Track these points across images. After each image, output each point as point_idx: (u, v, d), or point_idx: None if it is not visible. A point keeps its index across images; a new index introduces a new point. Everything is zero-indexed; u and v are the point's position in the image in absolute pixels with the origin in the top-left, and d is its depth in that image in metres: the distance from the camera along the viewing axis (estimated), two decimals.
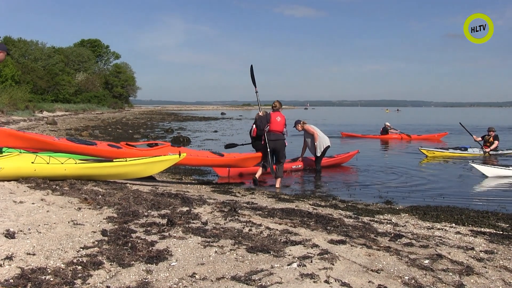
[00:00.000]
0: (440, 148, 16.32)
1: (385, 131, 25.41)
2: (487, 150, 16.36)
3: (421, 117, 77.64)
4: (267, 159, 9.83)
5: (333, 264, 3.48)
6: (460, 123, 18.68)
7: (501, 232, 5.56)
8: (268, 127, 9.76)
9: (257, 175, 9.90)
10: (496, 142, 16.68)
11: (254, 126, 10.26)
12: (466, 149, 16.25)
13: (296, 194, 8.63)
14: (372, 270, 3.44)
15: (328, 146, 11.95)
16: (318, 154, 11.77)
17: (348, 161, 13.66)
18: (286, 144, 10.13)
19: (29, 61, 59.41)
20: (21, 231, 3.94)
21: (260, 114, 9.96)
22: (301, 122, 12.16)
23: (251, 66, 10.72)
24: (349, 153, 13.82)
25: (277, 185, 9.71)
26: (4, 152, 7.03)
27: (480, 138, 17.08)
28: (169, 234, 4.16)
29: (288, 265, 3.42)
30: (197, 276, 3.17)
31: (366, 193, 9.29)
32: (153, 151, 8.79)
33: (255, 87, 10.54)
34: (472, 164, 11.56)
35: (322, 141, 11.81)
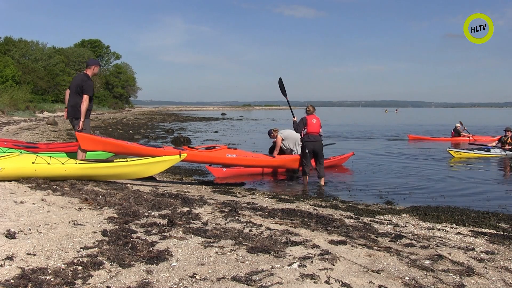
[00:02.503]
0: (466, 149, 16.87)
1: (456, 132, 24.49)
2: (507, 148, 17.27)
3: (420, 117, 77.59)
4: (306, 161, 10.34)
5: (333, 265, 3.49)
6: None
7: (502, 233, 5.55)
8: (306, 130, 10.25)
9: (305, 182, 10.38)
10: None
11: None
12: (489, 150, 16.88)
13: (297, 194, 8.63)
14: (372, 271, 3.44)
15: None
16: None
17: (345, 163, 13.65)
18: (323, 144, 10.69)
19: (29, 62, 59.38)
20: (21, 231, 3.95)
21: (294, 119, 10.63)
22: (273, 130, 12.09)
23: (280, 78, 11.58)
24: (344, 155, 13.80)
25: (322, 183, 10.27)
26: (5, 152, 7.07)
27: (496, 140, 18.21)
28: (169, 234, 4.16)
29: (288, 265, 3.42)
30: (197, 277, 3.17)
31: (367, 193, 9.28)
32: (211, 152, 9.88)
33: (286, 96, 11.56)
34: None
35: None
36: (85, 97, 7.98)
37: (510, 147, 17.20)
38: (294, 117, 10.80)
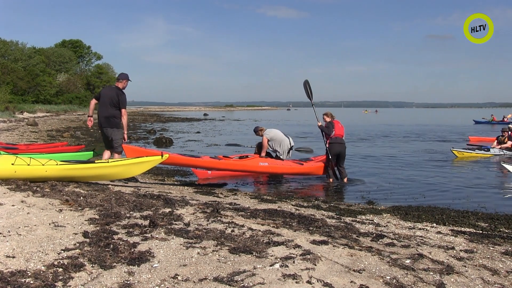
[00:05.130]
0: (468, 149, 17.34)
1: None
2: (498, 147, 17.74)
3: (400, 118, 78.23)
4: (331, 163, 10.98)
5: (315, 265, 3.50)
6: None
7: (481, 232, 5.64)
8: (334, 132, 10.96)
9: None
10: (510, 142, 17.84)
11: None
12: (488, 149, 17.45)
13: (279, 194, 8.64)
14: (354, 270, 3.46)
15: (292, 146, 11.75)
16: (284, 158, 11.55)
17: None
18: None
19: (9, 62, 58.68)
20: (0, 233, 3.90)
21: (319, 124, 11.12)
22: (259, 129, 11.91)
23: (306, 81, 11.96)
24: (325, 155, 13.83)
25: (345, 181, 10.84)
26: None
27: (495, 139, 18.65)
28: (151, 235, 4.14)
29: (270, 265, 3.42)
30: (179, 278, 3.16)
31: (349, 193, 9.34)
32: (245, 161, 10.32)
33: (311, 99, 12.00)
34: (503, 164, 12.05)
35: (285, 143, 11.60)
36: (124, 111, 8.75)
37: (506, 145, 17.63)
38: (318, 122, 11.20)
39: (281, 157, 11.33)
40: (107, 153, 8.83)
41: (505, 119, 49.48)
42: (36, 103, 56.33)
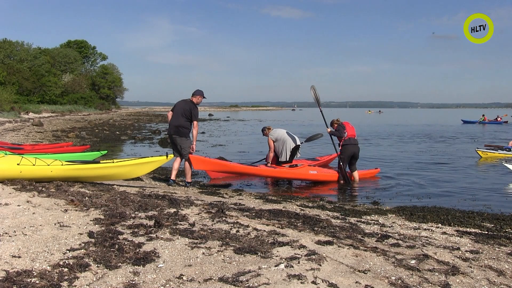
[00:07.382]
0: (492, 150, 17.39)
1: None
2: None
3: (405, 118, 78.05)
4: (344, 164, 10.84)
5: (320, 265, 3.50)
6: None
7: (486, 232, 5.61)
8: (346, 133, 10.99)
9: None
10: None
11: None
12: (510, 150, 17.48)
13: (284, 195, 8.64)
14: (359, 271, 3.46)
15: (298, 146, 11.13)
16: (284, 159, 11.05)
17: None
18: None
19: (14, 62, 58.87)
20: (6, 233, 3.91)
21: (329, 130, 11.23)
22: (267, 128, 11.60)
23: (312, 87, 11.84)
24: (330, 155, 13.82)
25: (357, 181, 10.95)
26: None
27: None
28: (156, 235, 4.15)
29: (275, 266, 3.42)
30: (184, 278, 3.17)
31: (353, 194, 9.31)
32: (296, 170, 10.31)
33: (319, 106, 11.82)
34: (505, 164, 12.05)
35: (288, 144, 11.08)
36: (196, 123, 9.05)
37: None
38: (328, 128, 11.23)
39: (279, 159, 11.00)
40: (177, 161, 9.15)
41: (499, 119, 49.39)
42: (42, 104, 56.52)
